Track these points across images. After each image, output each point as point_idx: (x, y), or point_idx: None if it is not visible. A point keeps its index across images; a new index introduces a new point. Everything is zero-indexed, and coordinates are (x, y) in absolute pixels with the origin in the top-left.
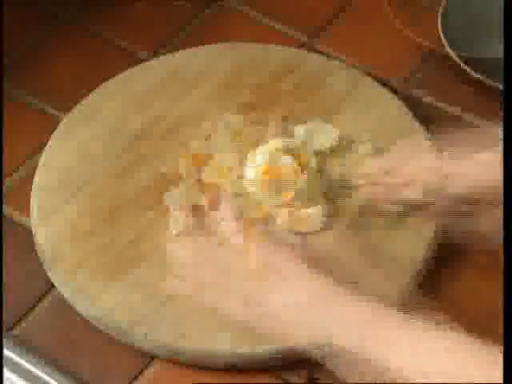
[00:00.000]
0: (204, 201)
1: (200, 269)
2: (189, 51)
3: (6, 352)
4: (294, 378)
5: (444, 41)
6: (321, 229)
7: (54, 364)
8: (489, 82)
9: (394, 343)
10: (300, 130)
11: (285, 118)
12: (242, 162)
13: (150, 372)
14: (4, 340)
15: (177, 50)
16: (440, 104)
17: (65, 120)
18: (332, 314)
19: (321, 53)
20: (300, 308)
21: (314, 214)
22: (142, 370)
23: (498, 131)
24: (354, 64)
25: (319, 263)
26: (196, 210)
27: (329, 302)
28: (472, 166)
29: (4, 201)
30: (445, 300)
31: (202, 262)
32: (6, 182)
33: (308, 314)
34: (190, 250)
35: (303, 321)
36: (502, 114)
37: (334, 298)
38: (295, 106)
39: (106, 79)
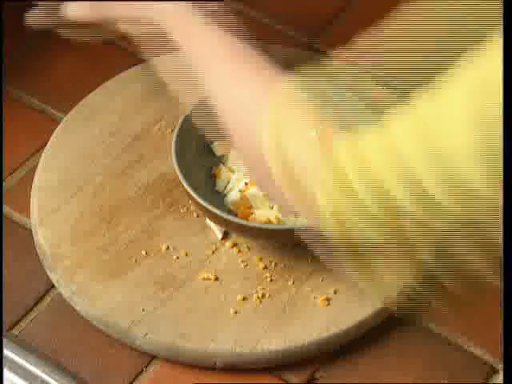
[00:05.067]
0: None
1: None
2: None
3: (5, 352)
4: (294, 378)
5: None
6: None
7: (54, 364)
8: None
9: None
10: None
11: None
12: None
13: (150, 372)
14: (4, 340)
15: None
16: None
17: (65, 120)
18: None
19: (321, 53)
20: None
21: None
22: (142, 369)
23: None
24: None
25: None
26: None
27: None
28: None
29: (4, 201)
30: None
31: None
32: (6, 181)
33: None
34: None
35: None
36: None
37: None
38: None
39: (106, 79)
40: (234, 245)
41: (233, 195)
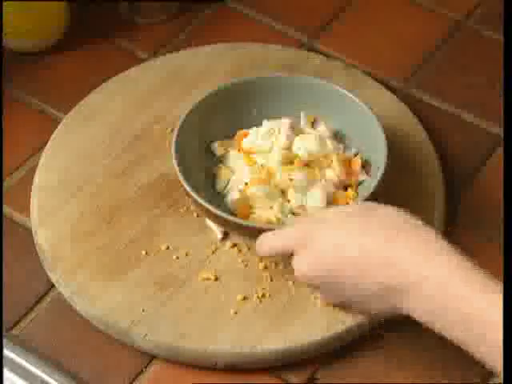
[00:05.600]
0: None
1: None
2: (189, 51)
3: (5, 352)
4: (294, 378)
5: None
6: None
7: (54, 364)
8: None
9: None
10: None
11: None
12: None
13: (150, 372)
14: (4, 340)
15: (177, 50)
16: (440, 104)
17: (65, 120)
18: None
19: (321, 53)
20: None
21: None
22: (142, 370)
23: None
24: (354, 64)
25: None
26: None
27: None
28: None
29: (4, 201)
30: None
31: None
32: (6, 182)
33: None
34: None
35: None
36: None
37: None
38: None
39: (106, 79)
40: (234, 245)
41: (233, 195)
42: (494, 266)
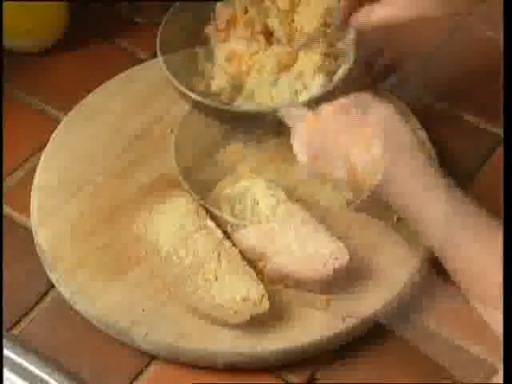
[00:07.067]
0: None
1: None
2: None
3: (5, 352)
4: (294, 378)
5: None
6: None
7: (54, 364)
8: None
9: None
10: None
11: None
12: None
13: (150, 372)
14: (4, 340)
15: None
16: (440, 104)
17: (65, 120)
18: None
19: None
20: None
21: None
22: (142, 369)
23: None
24: None
25: None
26: None
27: None
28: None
29: (4, 201)
30: None
31: None
32: (6, 181)
33: None
34: None
35: None
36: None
37: None
38: None
39: (106, 79)
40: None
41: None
42: None
